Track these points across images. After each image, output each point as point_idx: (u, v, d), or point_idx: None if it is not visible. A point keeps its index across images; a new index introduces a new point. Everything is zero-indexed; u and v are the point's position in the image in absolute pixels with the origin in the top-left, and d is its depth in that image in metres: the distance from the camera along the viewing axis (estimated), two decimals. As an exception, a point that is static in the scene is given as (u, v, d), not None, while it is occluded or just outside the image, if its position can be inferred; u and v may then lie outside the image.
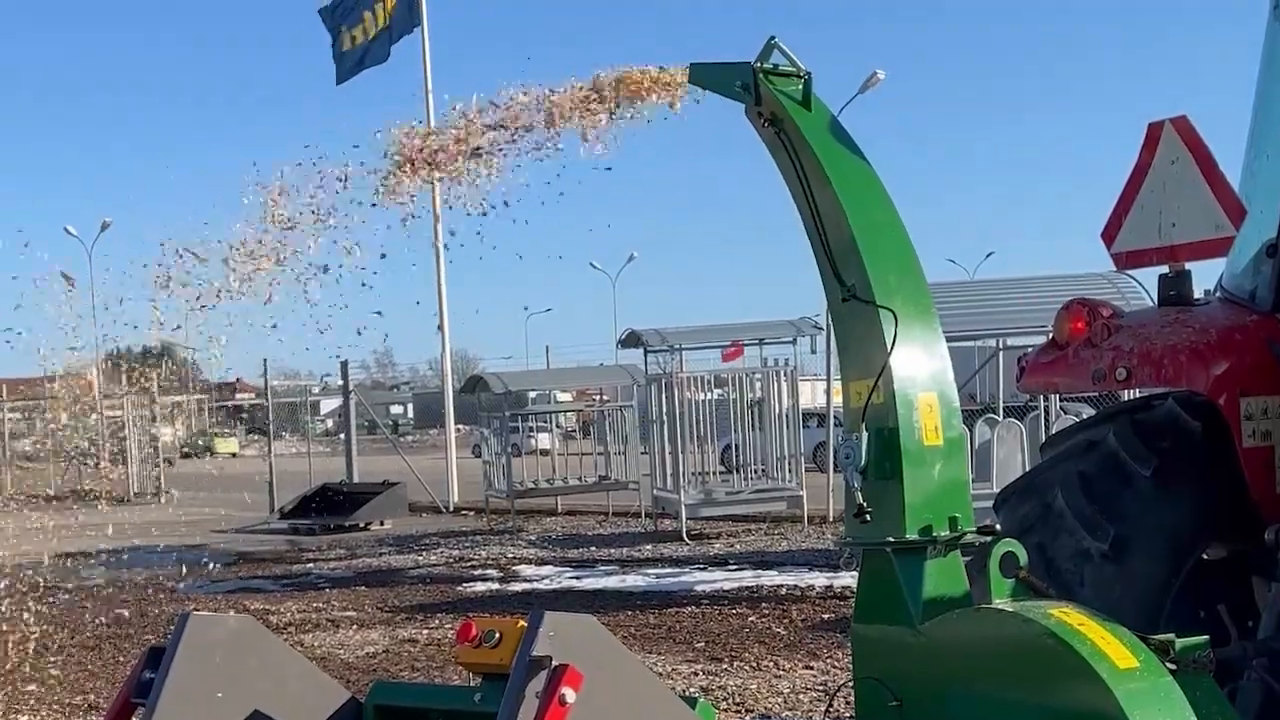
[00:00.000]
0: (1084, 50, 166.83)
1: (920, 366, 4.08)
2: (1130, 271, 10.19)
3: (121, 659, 12.21)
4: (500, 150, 4.50)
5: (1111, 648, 3.60)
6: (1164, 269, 5.68)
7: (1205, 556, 5.36)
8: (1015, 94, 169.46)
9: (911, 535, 3.98)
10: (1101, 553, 4.99)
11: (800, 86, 4.20)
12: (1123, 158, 5.95)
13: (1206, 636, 3.88)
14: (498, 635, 2.86)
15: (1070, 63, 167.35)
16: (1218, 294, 5.77)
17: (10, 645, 13.30)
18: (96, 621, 14.73)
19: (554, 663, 2.57)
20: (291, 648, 3.37)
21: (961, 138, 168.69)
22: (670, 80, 4.37)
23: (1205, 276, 5.86)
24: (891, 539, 3.99)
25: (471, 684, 3.05)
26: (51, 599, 16.69)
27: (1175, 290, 5.60)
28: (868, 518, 4.02)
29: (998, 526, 5.16)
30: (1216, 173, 5.67)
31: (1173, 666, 3.70)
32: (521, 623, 2.77)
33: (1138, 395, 5.94)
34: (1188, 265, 5.69)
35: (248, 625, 3.17)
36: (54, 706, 10.47)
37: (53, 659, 12.48)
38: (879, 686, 4.03)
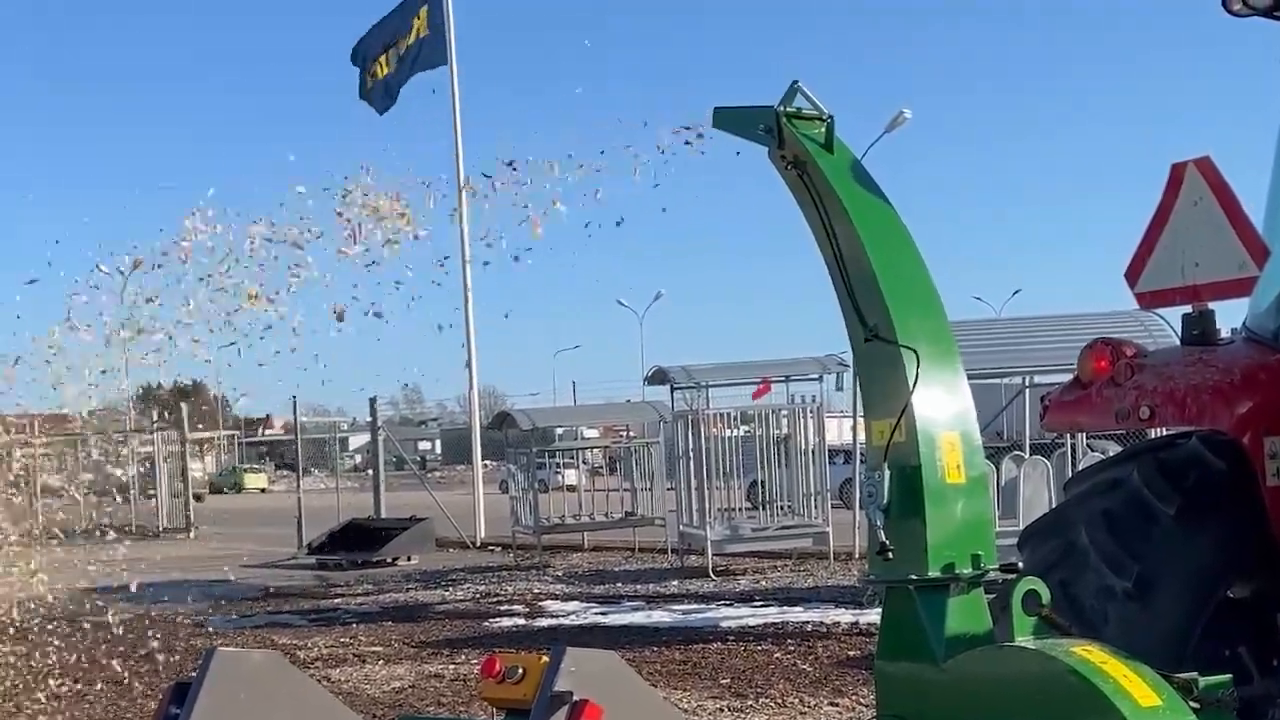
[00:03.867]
0: (1113, 90, 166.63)
1: (942, 405, 4.10)
2: (1156, 311, 10.18)
3: (149, 694, 12.26)
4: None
5: (1134, 686, 3.61)
6: (1187, 308, 5.70)
7: (1229, 595, 5.36)
8: (1045, 129, 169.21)
9: (934, 573, 4.00)
10: (1125, 591, 4.99)
11: (823, 129, 4.24)
12: (1151, 196, 5.96)
13: (1230, 675, 3.89)
14: (521, 671, 2.89)
15: (1101, 98, 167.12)
16: (1242, 333, 5.78)
17: (38, 680, 13.36)
18: (124, 657, 14.76)
19: (575, 698, 2.60)
20: (317, 683, 3.40)
21: (990, 173, 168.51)
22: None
23: (1230, 316, 5.88)
24: (914, 576, 4.01)
25: (495, 719, 3.08)
26: (79, 634, 16.77)
27: (1199, 329, 5.61)
28: (890, 555, 4.04)
29: (1020, 564, 5.18)
30: (1239, 213, 5.69)
31: (1196, 705, 3.71)
32: (544, 658, 2.80)
33: (1162, 434, 5.95)
34: (1211, 305, 5.70)
35: (274, 661, 3.20)
36: (82, 741, 10.50)
37: (81, 695, 12.54)
38: (902, 724, 4.04)
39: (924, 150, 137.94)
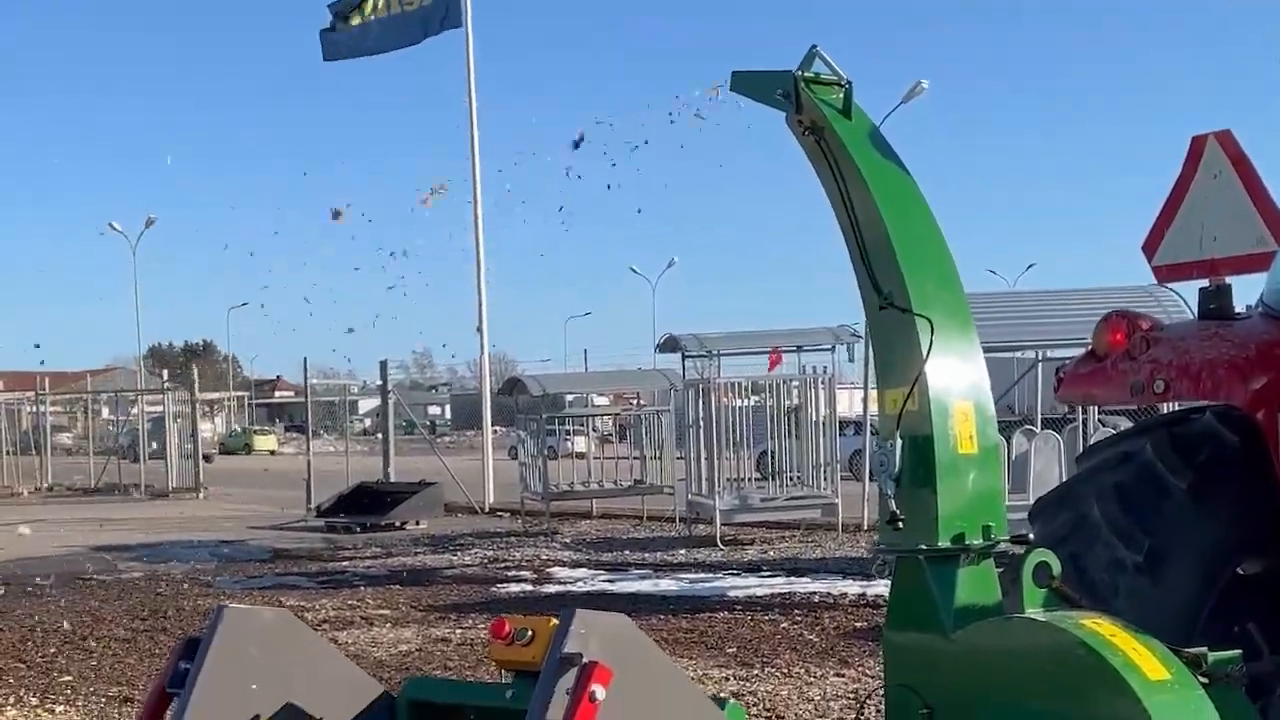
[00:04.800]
0: (1129, 63, 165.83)
1: (956, 375, 4.08)
2: (1172, 285, 10.14)
3: (157, 652, 12.28)
4: None
5: (1143, 659, 3.60)
6: (1204, 282, 5.67)
7: (1240, 571, 5.35)
8: (1059, 105, 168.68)
9: (944, 543, 3.99)
10: (1136, 565, 4.98)
11: (841, 95, 4.22)
12: (1168, 170, 5.92)
13: (1239, 651, 3.88)
14: (530, 633, 2.88)
15: (1117, 76, 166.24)
16: (1258, 308, 5.75)
17: (46, 636, 13.42)
18: (131, 615, 14.83)
19: (584, 659, 2.59)
20: (327, 642, 3.40)
21: (1004, 148, 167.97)
22: None
23: (1247, 291, 5.85)
24: (924, 546, 4.00)
25: (504, 681, 3.07)
26: (89, 591, 16.84)
27: (1215, 304, 5.58)
28: (900, 525, 4.03)
29: (1031, 536, 5.17)
30: (1259, 187, 5.65)
31: (1204, 680, 3.70)
32: (553, 621, 2.79)
33: (1176, 408, 5.93)
34: (1228, 279, 5.68)
35: (283, 619, 3.19)
36: (89, 698, 10.53)
37: (88, 651, 12.58)
38: (910, 694, 4.03)
39: (939, 123, 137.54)
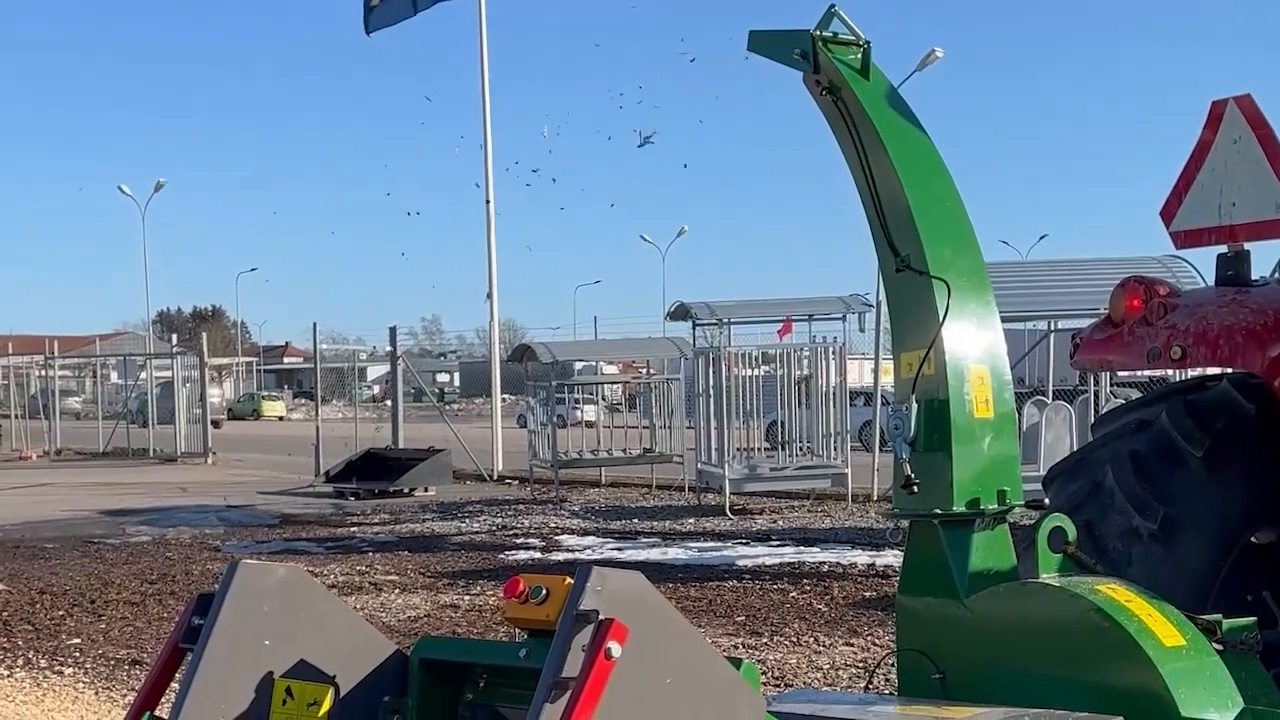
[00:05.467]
0: (1143, 36, 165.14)
1: (973, 339, 4.06)
2: (1187, 254, 10.09)
3: (165, 615, 12.31)
4: None
5: (1158, 625, 3.59)
6: (1222, 249, 5.62)
7: (1254, 540, 5.32)
8: (1071, 76, 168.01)
9: (959, 508, 3.97)
10: (1150, 532, 4.96)
11: (859, 55, 4.18)
12: (1183, 142, 5.87)
13: (1254, 618, 3.86)
14: (545, 591, 2.86)
15: (1130, 47, 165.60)
16: (1276, 276, 5.71)
17: (55, 599, 13.45)
18: (139, 578, 14.86)
19: (600, 616, 2.57)
20: (340, 600, 3.39)
21: (1017, 119, 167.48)
22: None
23: (1265, 258, 5.80)
24: (939, 511, 3.98)
25: (517, 640, 3.06)
26: (97, 555, 16.88)
27: (1233, 270, 5.53)
28: (915, 489, 4.00)
29: (1046, 502, 5.15)
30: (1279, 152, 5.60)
31: (1219, 647, 3.69)
32: (569, 579, 2.77)
33: (1190, 376, 5.89)
34: (1246, 245, 5.63)
35: (297, 575, 3.17)
36: (97, 660, 10.56)
37: (97, 614, 12.61)
38: (922, 658, 4.02)
39: (953, 89, 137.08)
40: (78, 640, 11.36)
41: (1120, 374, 16.07)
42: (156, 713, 3.06)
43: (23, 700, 9.39)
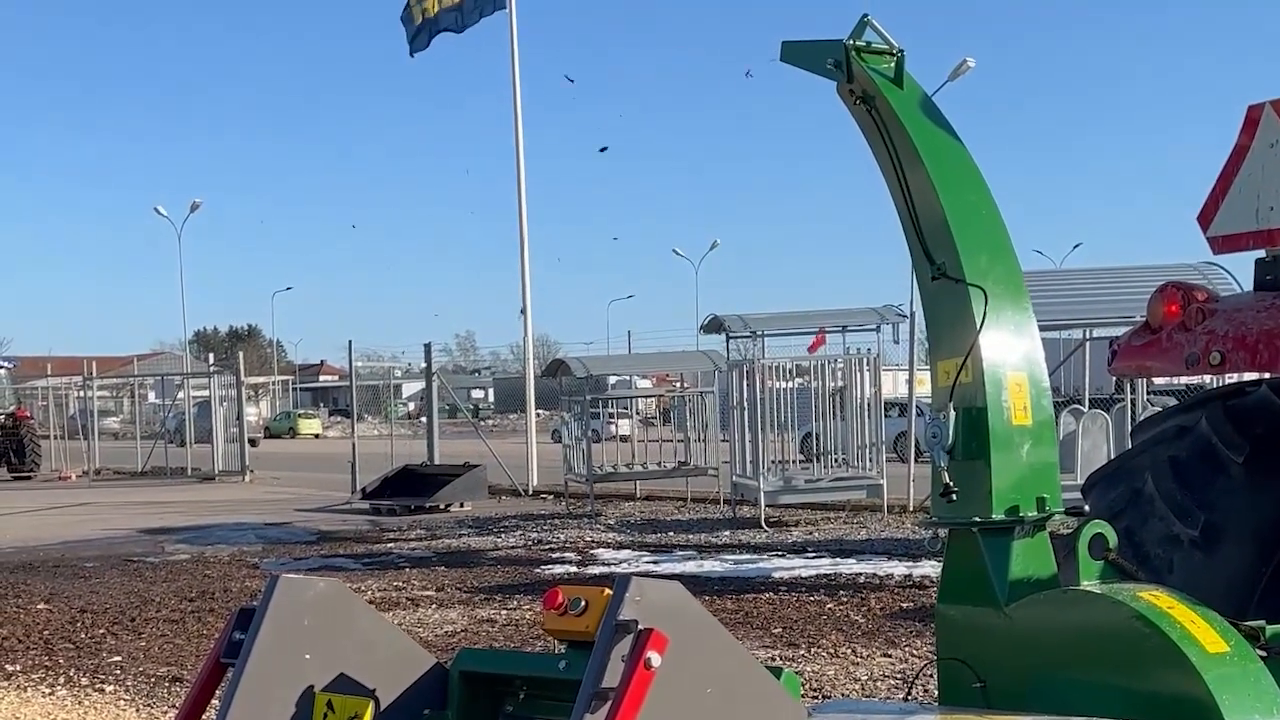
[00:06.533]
0: (1177, 44, 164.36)
1: (1010, 346, 4.05)
2: (1224, 259, 10.03)
3: (205, 633, 12.35)
4: None
5: (1201, 632, 3.57)
6: (1260, 253, 5.59)
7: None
8: (1107, 84, 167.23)
9: (998, 515, 3.95)
10: (1191, 539, 4.93)
11: (893, 64, 4.18)
12: (1216, 149, 5.82)
13: (1298, 624, 3.83)
14: (584, 603, 2.86)
15: (1166, 55, 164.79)
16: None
17: (95, 617, 13.52)
18: (180, 596, 14.91)
19: (640, 626, 2.57)
20: (379, 613, 3.39)
21: (1052, 128, 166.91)
22: None
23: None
24: (978, 519, 3.97)
25: (557, 652, 3.06)
26: (136, 573, 16.95)
27: (1272, 275, 5.49)
28: (953, 497, 3.99)
29: (1086, 509, 5.12)
30: (1318, 156, 5.56)
31: (1263, 653, 3.66)
32: (607, 591, 2.77)
33: (1229, 381, 5.86)
34: (1286, 250, 5.58)
35: (337, 589, 3.19)
36: (138, 677, 10.60)
37: (137, 632, 12.66)
38: (963, 668, 4.00)
39: (987, 100, 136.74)
40: (118, 658, 11.41)
41: (1157, 381, 16.00)
42: (199, 728, 3.08)
43: (65, 718, 9.43)
